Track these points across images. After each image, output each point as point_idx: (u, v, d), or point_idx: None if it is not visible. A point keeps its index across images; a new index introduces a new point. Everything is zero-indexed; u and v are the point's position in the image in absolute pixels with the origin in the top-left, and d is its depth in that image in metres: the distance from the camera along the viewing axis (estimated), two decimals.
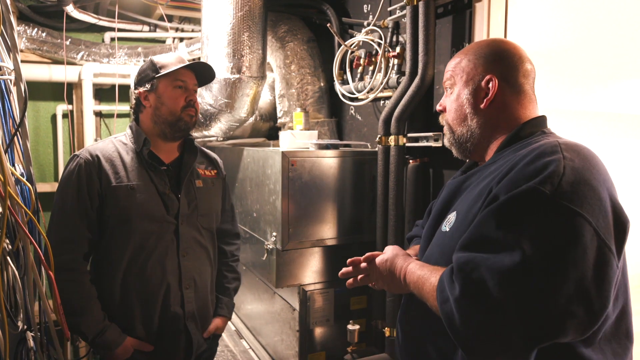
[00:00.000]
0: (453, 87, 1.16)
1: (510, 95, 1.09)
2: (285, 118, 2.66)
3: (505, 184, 0.92)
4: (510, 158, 1.00)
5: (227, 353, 2.43)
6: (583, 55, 2.31)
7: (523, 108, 1.10)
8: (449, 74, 1.17)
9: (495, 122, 1.10)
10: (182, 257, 1.61)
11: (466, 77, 1.12)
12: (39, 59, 3.21)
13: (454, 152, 1.20)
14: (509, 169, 0.95)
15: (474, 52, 1.13)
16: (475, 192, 1.03)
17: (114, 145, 1.60)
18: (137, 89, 1.61)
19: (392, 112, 1.94)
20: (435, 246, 1.12)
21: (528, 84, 1.11)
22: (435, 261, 1.08)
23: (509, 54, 1.10)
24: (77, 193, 1.51)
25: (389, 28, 2.09)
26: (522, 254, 0.83)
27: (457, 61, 1.16)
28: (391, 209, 1.95)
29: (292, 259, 2.03)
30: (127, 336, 1.55)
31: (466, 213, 1.02)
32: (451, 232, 1.05)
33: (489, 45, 1.13)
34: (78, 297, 1.49)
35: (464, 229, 0.98)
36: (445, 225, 1.09)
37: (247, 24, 2.30)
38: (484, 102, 1.10)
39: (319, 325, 2.08)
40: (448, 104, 1.17)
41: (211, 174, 1.76)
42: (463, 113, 1.13)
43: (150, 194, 1.56)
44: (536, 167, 0.89)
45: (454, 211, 1.09)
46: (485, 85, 1.09)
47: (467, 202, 1.04)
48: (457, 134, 1.15)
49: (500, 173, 0.97)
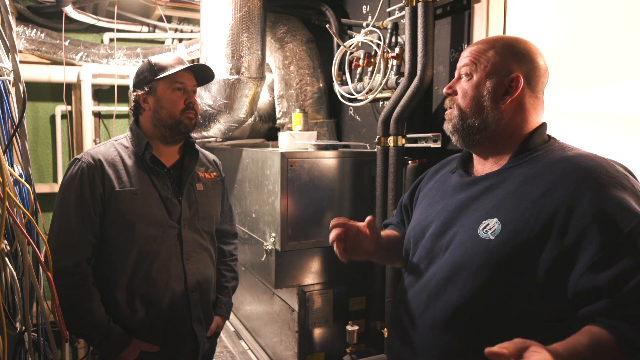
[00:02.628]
0: (472, 73, 1.11)
1: (528, 98, 1.09)
2: (284, 119, 2.66)
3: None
4: (557, 167, 1.00)
5: (226, 354, 2.43)
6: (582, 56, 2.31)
7: (536, 113, 1.10)
8: (469, 60, 1.12)
9: (510, 122, 1.09)
10: (187, 260, 1.60)
11: (491, 68, 1.09)
12: (37, 60, 3.21)
13: (454, 139, 1.16)
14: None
15: (502, 46, 1.09)
16: (524, 202, 0.99)
17: (115, 149, 1.59)
18: (136, 91, 1.60)
19: (391, 112, 1.94)
20: (474, 253, 1.03)
21: (542, 91, 1.11)
22: (476, 269, 1.02)
23: (535, 57, 1.09)
24: (79, 197, 1.49)
25: (388, 29, 2.10)
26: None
27: (480, 48, 1.11)
28: (390, 210, 1.95)
29: (291, 259, 2.03)
30: (134, 338, 1.54)
31: (523, 224, 0.98)
32: (499, 241, 0.99)
33: (518, 42, 1.10)
34: (81, 300, 1.48)
35: (521, 241, 0.96)
36: (486, 231, 1.02)
37: (246, 24, 2.30)
38: (505, 99, 1.08)
39: (318, 326, 2.08)
40: (461, 89, 1.12)
41: (211, 177, 1.75)
42: (481, 104, 1.09)
43: (153, 198, 1.56)
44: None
45: (492, 217, 1.03)
46: (509, 82, 1.07)
47: (517, 212, 1.00)
48: (468, 122, 1.11)
49: (563, 186, 0.96)
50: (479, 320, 1.02)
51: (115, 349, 1.50)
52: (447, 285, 1.07)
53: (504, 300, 0.99)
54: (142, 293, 1.54)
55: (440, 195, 1.22)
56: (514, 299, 0.98)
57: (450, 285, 1.06)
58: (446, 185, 1.23)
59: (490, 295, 1.01)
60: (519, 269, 0.97)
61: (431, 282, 1.11)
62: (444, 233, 1.13)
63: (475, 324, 1.02)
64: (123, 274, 1.53)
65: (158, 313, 1.56)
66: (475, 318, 1.02)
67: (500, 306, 1.00)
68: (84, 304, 1.48)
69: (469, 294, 1.03)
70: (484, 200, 1.07)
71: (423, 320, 1.11)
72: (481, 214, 1.06)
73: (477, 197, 1.10)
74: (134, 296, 1.54)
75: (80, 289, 1.49)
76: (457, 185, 1.18)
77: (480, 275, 1.01)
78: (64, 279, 1.44)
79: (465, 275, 1.04)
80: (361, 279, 2.15)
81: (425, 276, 1.14)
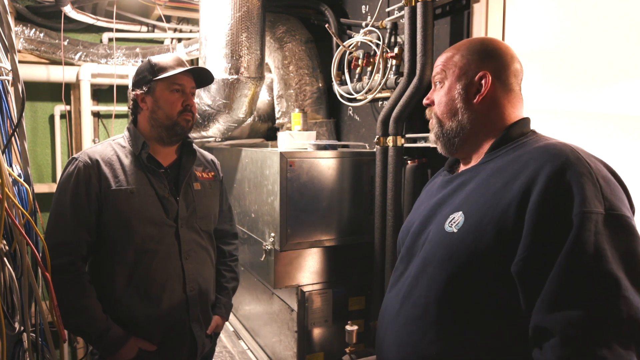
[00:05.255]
0: (444, 81, 1.15)
1: (501, 93, 1.10)
2: (284, 119, 2.66)
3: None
4: (522, 158, 0.98)
5: (225, 354, 2.43)
6: (582, 56, 2.31)
7: (512, 107, 1.11)
8: (439, 68, 1.16)
9: (485, 119, 1.11)
10: (185, 259, 1.60)
11: (459, 71, 1.12)
12: (36, 60, 3.20)
13: (438, 147, 1.19)
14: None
15: (467, 48, 1.13)
16: (487, 194, 1.00)
17: (112, 149, 1.59)
18: (135, 91, 1.60)
19: (390, 112, 1.94)
20: (438, 247, 1.06)
21: (517, 84, 1.12)
22: (440, 263, 1.03)
23: (501, 53, 1.11)
24: (75, 196, 1.50)
25: (387, 29, 2.09)
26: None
27: (448, 56, 1.16)
28: (389, 210, 1.95)
29: (291, 259, 2.03)
30: (132, 335, 1.54)
31: (482, 216, 0.98)
32: (461, 234, 1.01)
33: (482, 42, 1.14)
34: (78, 297, 1.48)
35: (481, 233, 0.96)
36: (451, 225, 1.04)
37: (246, 24, 2.30)
38: (476, 97, 1.10)
39: (318, 326, 2.08)
40: (437, 97, 1.17)
41: (209, 177, 1.75)
42: (454, 107, 1.12)
43: (150, 197, 1.56)
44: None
45: (458, 211, 1.04)
46: (478, 81, 1.10)
47: (479, 204, 1.00)
48: (445, 127, 1.14)
49: (523, 176, 0.94)
50: (450, 315, 1.02)
51: (114, 346, 1.50)
52: (418, 282, 1.09)
53: (471, 293, 0.99)
54: (140, 292, 1.54)
55: (427, 196, 1.25)
56: (482, 292, 0.97)
57: (420, 281, 1.08)
58: (434, 187, 1.26)
59: (456, 289, 1.01)
60: (481, 261, 0.97)
61: (406, 281, 1.13)
62: (422, 232, 1.15)
63: (447, 319, 1.02)
64: (121, 273, 1.53)
65: (156, 312, 1.55)
66: (447, 313, 1.02)
67: (469, 300, 0.99)
68: (80, 301, 1.48)
69: (435, 289, 1.03)
70: (456, 196, 1.10)
71: (399, 318, 1.12)
72: (450, 209, 1.08)
73: (452, 193, 1.12)
74: (131, 295, 1.54)
75: (76, 286, 1.49)
76: (440, 184, 1.21)
77: (444, 269, 1.02)
78: (59, 276, 1.44)
79: (431, 271, 1.05)
80: (360, 279, 2.15)
81: (403, 275, 1.16)
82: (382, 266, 2.00)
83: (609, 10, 2.05)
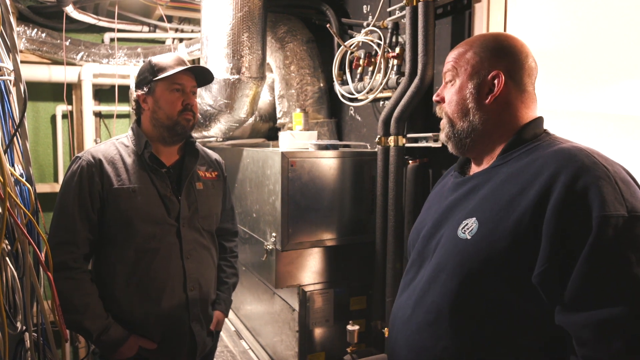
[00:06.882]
0: (455, 78, 1.11)
1: (514, 93, 1.07)
2: (285, 118, 2.66)
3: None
4: (537, 163, 0.97)
5: (226, 354, 2.43)
6: (583, 56, 2.31)
7: (526, 107, 1.08)
8: (451, 65, 1.12)
9: (497, 120, 1.07)
10: (186, 259, 1.61)
11: (471, 70, 1.08)
12: (38, 60, 3.21)
13: (449, 147, 1.16)
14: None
15: (480, 45, 1.09)
16: (501, 201, 0.98)
17: (115, 148, 1.60)
18: (137, 91, 1.62)
19: (392, 112, 1.94)
20: (451, 253, 1.03)
21: (531, 83, 1.09)
22: (452, 269, 1.02)
23: (515, 50, 1.07)
24: (78, 195, 1.51)
25: (389, 29, 2.09)
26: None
27: (460, 52, 1.11)
28: (390, 210, 1.95)
29: (292, 259, 2.03)
30: (132, 333, 1.54)
31: (496, 224, 0.96)
32: (475, 241, 0.99)
33: (496, 39, 1.09)
34: (79, 294, 1.49)
35: (495, 241, 0.95)
36: (464, 231, 1.02)
37: (247, 24, 2.30)
38: (488, 97, 1.06)
39: (319, 326, 2.08)
40: (448, 95, 1.12)
41: (212, 176, 1.76)
42: (465, 107, 1.09)
43: (151, 196, 1.56)
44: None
45: (472, 217, 1.02)
46: (491, 80, 1.06)
47: (493, 211, 0.99)
48: (457, 127, 1.11)
49: (537, 183, 0.93)
50: (463, 322, 1.01)
51: (114, 343, 1.51)
52: (430, 288, 1.07)
53: (483, 300, 0.98)
54: (140, 290, 1.55)
55: (438, 198, 1.22)
56: (494, 298, 0.97)
57: (432, 287, 1.06)
58: (444, 187, 1.23)
59: (469, 296, 1.00)
60: (494, 268, 0.96)
61: (418, 285, 1.12)
62: (433, 235, 1.13)
63: (460, 326, 1.01)
64: (122, 271, 1.54)
65: (156, 311, 1.56)
66: (459, 320, 1.01)
67: (481, 306, 0.98)
68: (81, 298, 1.49)
69: (448, 295, 1.02)
70: (469, 201, 1.07)
71: (411, 324, 1.10)
72: (463, 214, 1.05)
73: (464, 197, 1.09)
74: (132, 294, 1.55)
75: (78, 283, 1.50)
76: (451, 186, 1.18)
77: (457, 275, 1.01)
78: (62, 273, 1.45)
79: (443, 277, 1.04)
80: (362, 279, 2.15)
81: (415, 279, 1.15)
82: (383, 266, 2.00)
83: (609, 10, 2.05)
